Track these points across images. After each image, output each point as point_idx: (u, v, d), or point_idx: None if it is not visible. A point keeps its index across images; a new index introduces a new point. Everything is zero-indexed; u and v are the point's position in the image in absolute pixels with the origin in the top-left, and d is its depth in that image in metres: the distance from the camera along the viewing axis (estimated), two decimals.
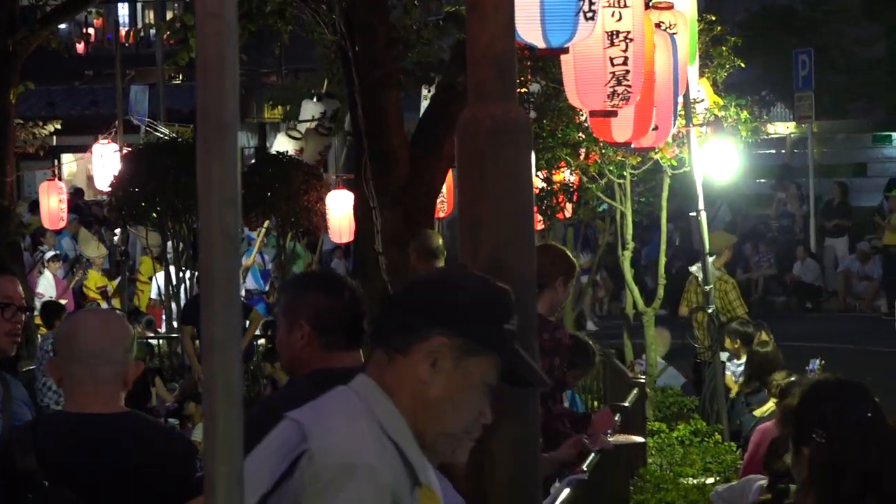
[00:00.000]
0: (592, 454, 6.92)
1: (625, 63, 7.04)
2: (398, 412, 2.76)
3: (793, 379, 9.27)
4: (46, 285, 20.42)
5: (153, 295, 20.27)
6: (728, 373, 12.11)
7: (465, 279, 2.89)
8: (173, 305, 17.51)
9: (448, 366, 2.76)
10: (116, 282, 21.31)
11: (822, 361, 10.72)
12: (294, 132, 17.57)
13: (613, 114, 7.35)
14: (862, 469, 3.41)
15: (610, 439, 7.38)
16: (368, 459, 2.67)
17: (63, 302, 17.54)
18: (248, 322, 14.70)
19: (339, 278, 4.63)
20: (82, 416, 4.00)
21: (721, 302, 12.83)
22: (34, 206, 22.13)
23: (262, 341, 15.63)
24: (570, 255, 7.09)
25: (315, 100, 17.78)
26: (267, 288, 21.07)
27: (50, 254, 21.21)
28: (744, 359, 11.73)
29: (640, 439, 9.44)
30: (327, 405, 2.70)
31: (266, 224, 17.08)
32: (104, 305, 19.65)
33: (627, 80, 7.04)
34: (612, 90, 7.03)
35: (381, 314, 2.88)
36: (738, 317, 12.75)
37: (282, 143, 17.47)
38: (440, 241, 9.66)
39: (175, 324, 17.50)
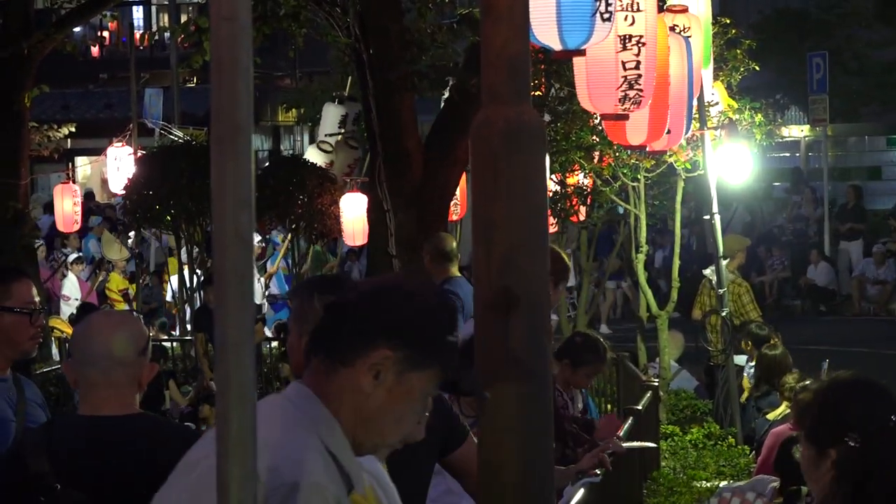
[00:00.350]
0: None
1: (637, 67, 7.03)
2: (337, 423, 2.78)
3: (807, 382, 9.26)
4: (71, 287, 20.48)
5: (168, 297, 20.32)
6: (745, 374, 12.10)
7: (412, 291, 2.87)
8: (187, 308, 17.53)
9: (391, 378, 2.77)
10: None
11: (827, 362, 10.71)
12: (325, 145, 17.56)
13: (625, 117, 7.35)
14: (893, 473, 3.33)
15: (623, 444, 7.38)
16: (315, 478, 2.67)
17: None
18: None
19: (349, 283, 4.61)
20: (97, 419, 4.00)
21: (734, 305, 12.82)
22: (49, 207, 22.20)
23: (275, 343, 15.64)
24: (565, 257, 7.08)
25: (337, 103, 17.76)
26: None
27: (73, 256, 21.26)
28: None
29: (652, 445, 9.44)
30: (263, 416, 2.56)
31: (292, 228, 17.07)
32: (125, 307, 19.70)
33: (639, 85, 7.04)
34: (623, 94, 7.03)
35: (324, 322, 2.86)
36: (752, 320, 12.75)
37: (312, 156, 17.46)
38: (454, 243, 9.67)
39: (189, 326, 17.52)
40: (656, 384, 10.99)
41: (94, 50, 33.49)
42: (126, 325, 4.13)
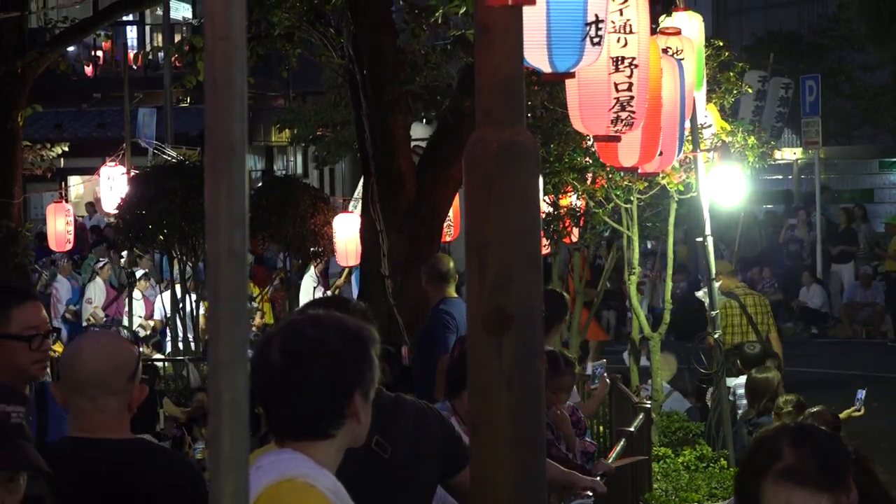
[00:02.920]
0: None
1: (629, 89, 7.04)
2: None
3: (813, 410, 9.26)
4: (97, 290, 20.47)
5: (157, 316, 20.30)
6: (731, 398, 12.12)
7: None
8: (179, 327, 17.52)
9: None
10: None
11: (865, 391, 10.75)
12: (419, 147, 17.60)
13: (617, 139, 7.36)
14: None
15: (612, 463, 7.39)
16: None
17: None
18: None
19: (344, 303, 4.59)
20: (87, 442, 3.98)
21: (724, 325, 12.90)
22: (41, 237, 22.25)
23: None
24: (566, 299, 7.17)
25: (425, 122, 17.76)
26: None
27: (103, 262, 21.27)
28: (741, 378, 11.83)
29: (642, 457, 9.44)
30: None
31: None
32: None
33: (631, 107, 7.05)
34: (615, 116, 7.04)
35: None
36: (747, 341, 12.79)
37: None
38: (451, 264, 9.68)
39: (181, 346, 17.51)
40: (648, 406, 10.99)
41: (88, 69, 33.46)
42: (114, 351, 4.08)
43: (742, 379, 11.94)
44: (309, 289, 19.37)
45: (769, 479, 3.00)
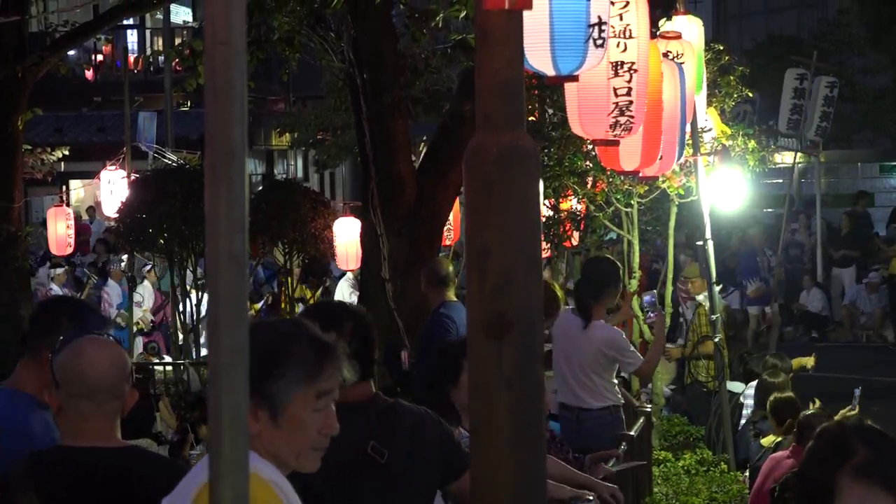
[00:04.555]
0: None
1: (628, 94, 7.05)
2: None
3: (811, 412, 9.25)
4: (145, 293, 20.47)
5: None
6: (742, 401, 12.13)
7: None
8: (179, 331, 17.51)
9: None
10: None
11: (860, 390, 10.76)
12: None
13: (615, 143, 7.36)
14: None
15: (612, 467, 7.39)
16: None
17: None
18: None
19: (340, 308, 4.57)
20: (82, 450, 3.96)
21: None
22: (43, 260, 22.29)
23: None
24: (556, 290, 7.14)
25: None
26: None
27: (149, 266, 21.26)
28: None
29: (641, 462, 9.44)
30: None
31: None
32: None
33: (630, 111, 7.05)
34: (614, 120, 7.04)
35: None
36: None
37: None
38: (450, 268, 9.70)
39: (181, 349, 17.51)
40: (649, 409, 10.99)
41: (88, 73, 33.48)
42: (115, 356, 4.08)
43: (750, 387, 11.98)
44: (345, 294, 19.31)
45: (845, 479, 2.98)
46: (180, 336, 17.27)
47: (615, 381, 9.12)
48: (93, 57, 33.52)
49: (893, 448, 3.06)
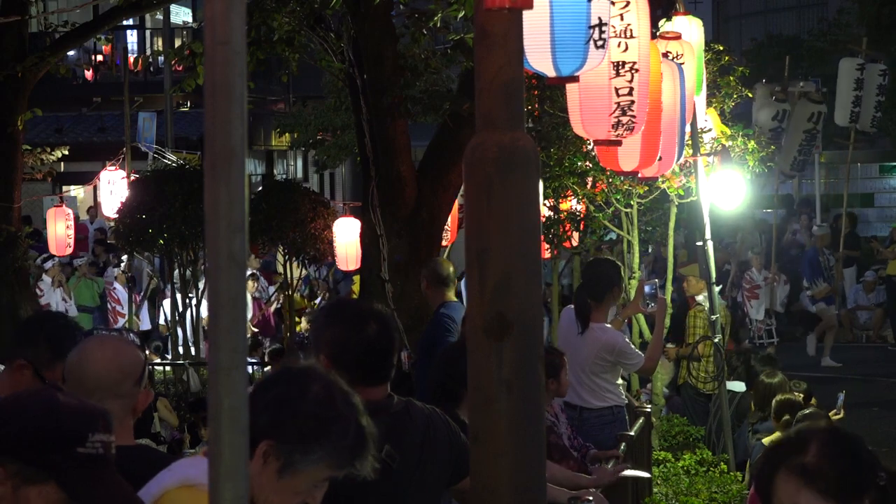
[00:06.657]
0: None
1: (630, 94, 7.05)
2: None
3: (807, 412, 9.26)
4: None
5: (160, 321, 20.29)
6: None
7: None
8: (179, 331, 17.52)
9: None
10: (317, 302, 21.06)
11: (844, 393, 10.74)
12: (780, 94, 17.48)
13: (618, 143, 7.36)
14: None
15: (613, 467, 7.39)
16: None
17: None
18: None
19: (364, 310, 4.49)
20: None
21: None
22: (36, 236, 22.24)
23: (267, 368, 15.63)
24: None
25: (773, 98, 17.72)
26: None
27: (249, 272, 21.20)
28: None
29: (646, 475, 9.46)
30: None
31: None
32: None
33: (632, 111, 7.05)
34: (616, 120, 7.04)
35: None
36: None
37: (763, 113, 17.32)
38: (451, 268, 9.70)
39: (181, 350, 17.51)
40: (649, 410, 10.99)
41: (88, 73, 33.47)
42: (121, 355, 4.07)
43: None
44: None
45: (782, 471, 2.98)
46: (180, 336, 17.29)
47: (618, 382, 9.13)
48: (93, 57, 33.51)
49: (854, 459, 3.02)
